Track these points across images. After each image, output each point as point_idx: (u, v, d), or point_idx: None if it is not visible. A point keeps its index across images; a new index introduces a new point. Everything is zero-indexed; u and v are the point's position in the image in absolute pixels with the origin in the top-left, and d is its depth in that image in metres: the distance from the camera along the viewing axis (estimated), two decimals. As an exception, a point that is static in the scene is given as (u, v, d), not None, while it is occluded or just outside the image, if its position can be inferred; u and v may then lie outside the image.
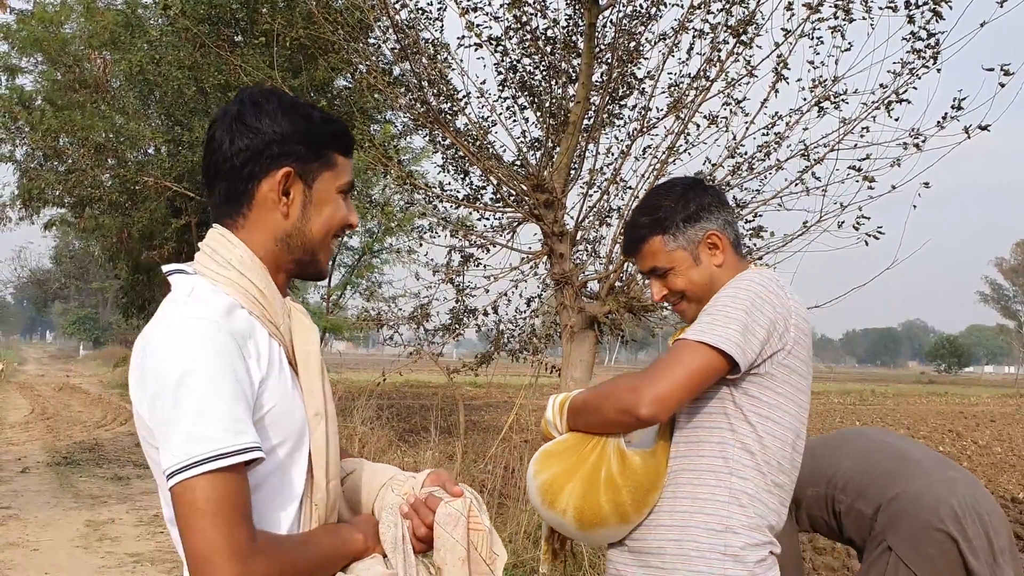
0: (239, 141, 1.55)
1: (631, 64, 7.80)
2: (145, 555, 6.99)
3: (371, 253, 12.97)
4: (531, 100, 8.09)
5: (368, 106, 12.15)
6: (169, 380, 1.38)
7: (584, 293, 7.82)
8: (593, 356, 7.88)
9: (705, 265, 2.18)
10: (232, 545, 1.33)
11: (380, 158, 7.88)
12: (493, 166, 7.74)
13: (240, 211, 1.57)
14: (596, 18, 7.24)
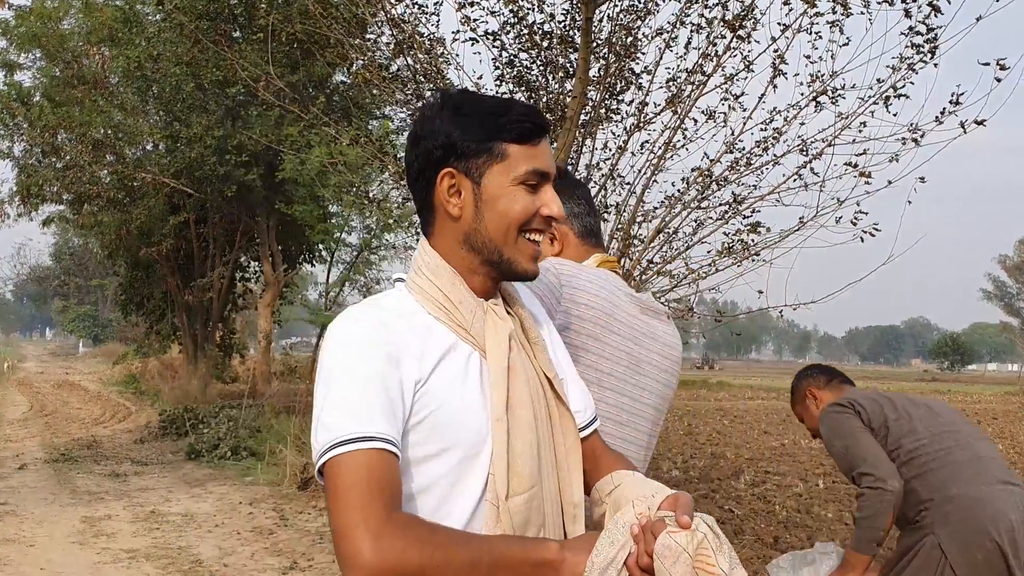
0: (411, 152, 1.57)
1: (628, 59, 7.77)
2: (141, 551, 6.97)
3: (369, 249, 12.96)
4: (528, 95, 8.05)
5: (365, 102, 12.13)
6: (320, 377, 1.45)
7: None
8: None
9: (544, 256, 2.15)
10: (365, 522, 1.31)
11: (377, 154, 7.85)
12: (490, 161, 7.69)
13: (428, 219, 1.58)
14: (593, 13, 7.20)
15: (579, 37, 7.47)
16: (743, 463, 13.45)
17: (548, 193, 1.57)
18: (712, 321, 8.32)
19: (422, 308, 1.53)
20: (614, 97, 8.08)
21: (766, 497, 10.43)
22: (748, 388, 42.09)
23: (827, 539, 8.20)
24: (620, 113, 8.16)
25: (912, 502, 3.29)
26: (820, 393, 3.75)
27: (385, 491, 1.35)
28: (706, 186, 7.60)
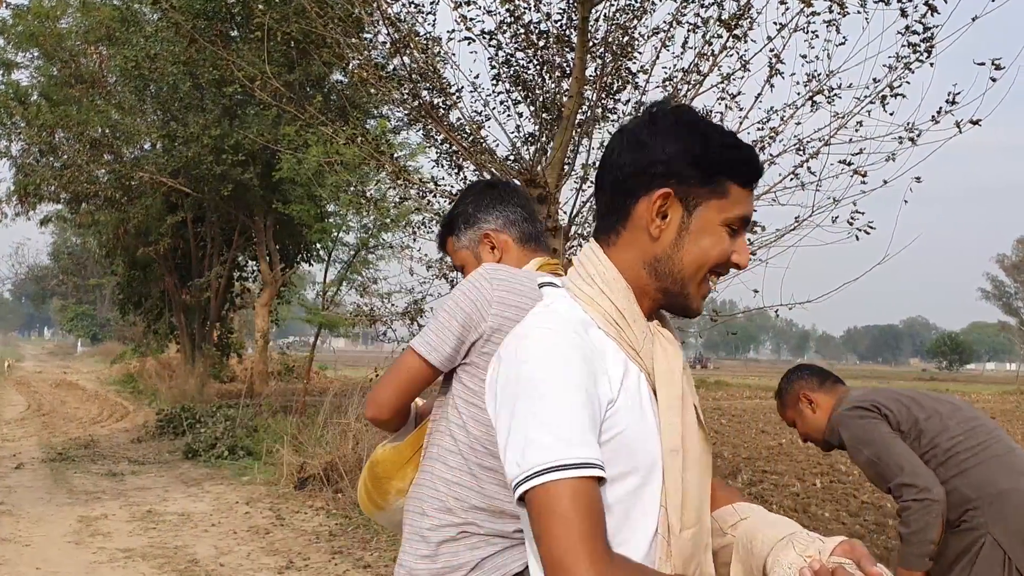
0: (626, 155, 1.48)
1: (624, 58, 7.77)
2: (137, 551, 6.96)
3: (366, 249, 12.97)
4: (525, 95, 8.06)
5: (363, 101, 12.12)
6: (518, 388, 1.36)
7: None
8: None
9: (484, 262, 2.32)
10: (590, 557, 1.26)
11: (373, 153, 7.85)
12: (487, 161, 7.71)
13: (615, 227, 1.50)
14: (589, 12, 7.21)
15: (575, 36, 7.47)
16: (740, 462, 13.46)
17: (743, 241, 1.53)
18: (709, 321, 8.32)
19: (591, 320, 1.46)
20: (611, 96, 8.10)
21: (763, 496, 10.43)
22: (746, 387, 42.08)
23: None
24: (617, 113, 8.18)
25: (956, 503, 3.12)
26: (815, 396, 3.51)
27: (602, 523, 1.30)
28: (703, 185, 7.60)
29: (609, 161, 1.51)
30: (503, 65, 7.97)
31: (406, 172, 8.59)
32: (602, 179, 1.53)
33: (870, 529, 8.68)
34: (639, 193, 1.46)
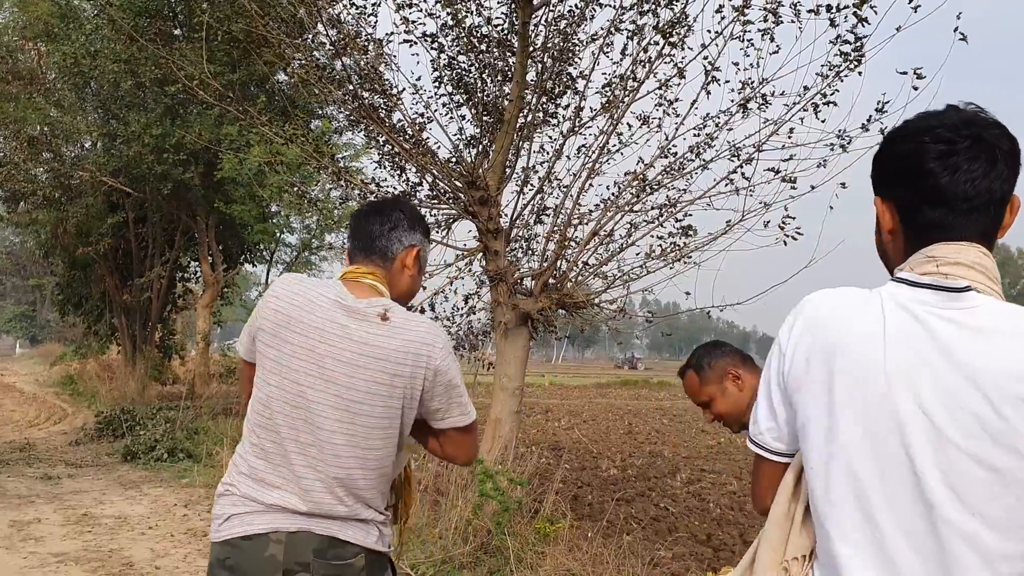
0: (1010, 171, 1.58)
1: (565, 63, 7.88)
2: (70, 554, 6.88)
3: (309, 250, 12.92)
4: (467, 97, 8.13)
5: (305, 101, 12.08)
6: None
7: (518, 290, 7.89)
8: (526, 352, 7.95)
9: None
10: None
11: (313, 153, 7.86)
12: (428, 162, 7.76)
13: (994, 235, 1.61)
14: (529, 17, 7.30)
15: (516, 41, 7.56)
16: (680, 461, 13.67)
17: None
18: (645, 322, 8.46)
19: None
20: (551, 101, 8.20)
21: (701, 495, 10.62)
22: (690, 388, 42.51)
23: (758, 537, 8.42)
24: (557, 117, 8.29)
25: None
26: (742, 373, 3.41)
27: None
28: (640, 190, 7.74)
29: (998, 174, 1.58)
30: (445, 68, 8.03)
31: (348, 173, 8.60)
32: (993, 192, 1.58)
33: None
34: (1008, 204, 1.60)
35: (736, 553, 7.53)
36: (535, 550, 6.44)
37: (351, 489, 2.36)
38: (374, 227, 2.55)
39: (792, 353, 1.62)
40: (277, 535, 2.32)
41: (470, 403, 2.50)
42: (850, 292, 1.63)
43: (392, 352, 2.33)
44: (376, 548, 2.40)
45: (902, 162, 1.63)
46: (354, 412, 2.33)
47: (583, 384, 42.19)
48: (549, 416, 21.59)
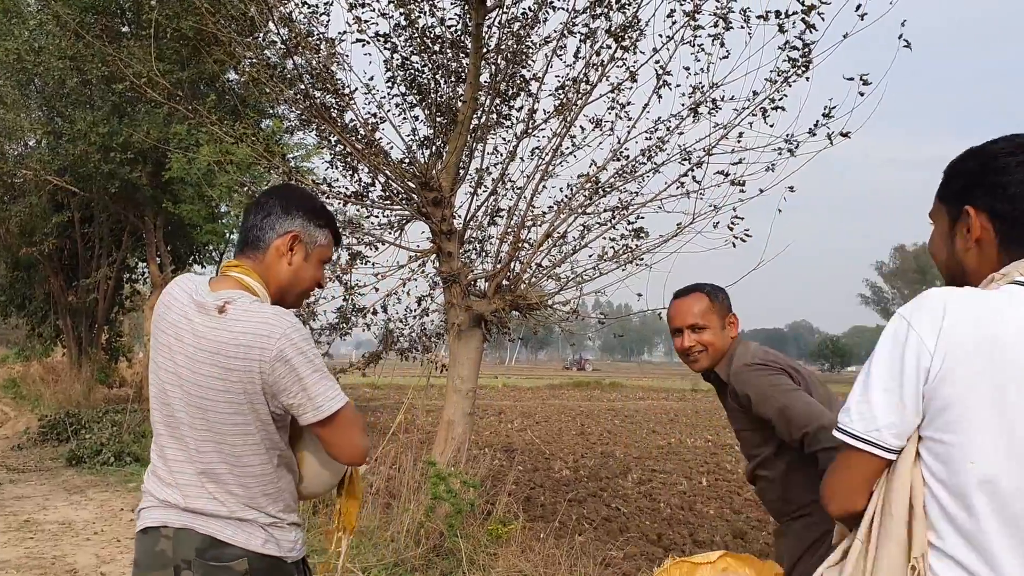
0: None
1: (518, 66, 7.90)
2: (11, 562, 6.73)
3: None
4: (420, 98, 8.10)
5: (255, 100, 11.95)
6: None
7: (472, 292, 7.89)
8: (480, 354, 7.95)
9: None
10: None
11: (263, 153, 7.78)
12: (381, 163, 7.72)
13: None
14: (483, 19, 7.31)
15: (470, 42, 7.56)
16: (631, 462, 13.77)
17: None
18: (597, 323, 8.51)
19: None
20: (505, 103, 8.20)
21: (652, 495, 10.71)
22: (640, 389, 42.95)
23: (708, 535, 8.50)
24: (511, 119, 8.29)
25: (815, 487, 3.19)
26: (735, 321, 3.47)
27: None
28: (593, 192, 7.79)
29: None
30: (398, 68, 8.00)
31: (299, 173, 8.53)
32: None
33: (753, 525, 9.01)
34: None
35: (686, 552, 7.61)
36: (487, 552, 6.44)
37: (222, 485, 2.29)
38: (250, 218, 2.45)
39: (944, 345, 1.63)
40: (166, 530, 2.31)
41: (330, 393, 2.26)
42: (973, 290, 1.71)
43: (223, 345, 2.23)
44: (264, 552, 2.30)
45: (1012, 175, 1.75)
46: (203, 408, 2.28)
47: (536, 385, 42.30)
48: (502, 417, 21.62)
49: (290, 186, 2.63)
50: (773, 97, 6.94)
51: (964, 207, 1.79)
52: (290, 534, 2.38)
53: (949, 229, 1.85)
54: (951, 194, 1.84)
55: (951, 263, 1.85)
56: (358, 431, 2.32)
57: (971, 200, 1.78)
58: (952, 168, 1.87)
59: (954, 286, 1.79)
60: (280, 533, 2.35)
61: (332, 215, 2.56)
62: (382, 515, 7.19)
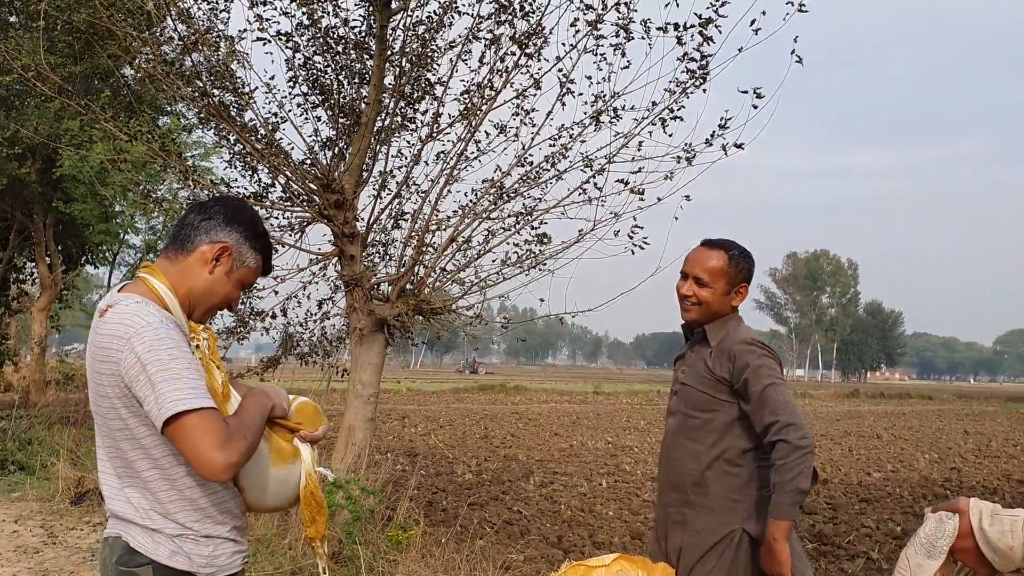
0: None
1: (423, 69, 7.88)
2: None
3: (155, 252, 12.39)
4: (323, 98, 8.00)
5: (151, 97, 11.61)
6: None
7: (374, 296, 7.83)
8: (382, 359, 7.89)
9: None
10: None
11: (159, 152, 7.57)
12: (281, 163, 7.60)
13: None
14: (387, 21, 7.26)
15: (374, 44, 7.51)
16: (533, 464, 13.86)
17: None
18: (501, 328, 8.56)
19: None
20: (410, 106, 8.17)
21: (553, 497, 10.80)
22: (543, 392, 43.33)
23: (607, 536, 8.62)
24: (415, 122, 8.27)
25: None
26: (743, 297, 3.42)
27: None
28: (498, 197, 7.82)
29: None
30: (300, 68, 7.89)
31: (196, 172, 8.33)
32: None
33: (650, 526, 9.16)
34: None
35: (585, 554, 7.70)
36: (387, 558, 6.40)
37: (133, 491, 2.24)
38: (188, 217, 2.39)
39: None
40: (106, 539, 2.32)
41: (175, 395, 2.08)
42: None
43: (96, 349, 2.20)
44: (169, 564, 2.21)
45: None
46: (100, 414, 2.26)
47: (441, 389, 42.20)
48: (406, 422, 21.49)
49: (243, 202, 2.56)
50: (672, 107, 7.10)
51: None
52: (205, 548, 2.26)
53: None
54: None
55: None
56: (210, 441, 2.08)
57: None
58: None
59: None
60: (191, 546, 2.24)
61: (271, 245, 2.50)
62: (279, 523, 7.06)
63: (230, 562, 2.31)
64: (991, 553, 1.72)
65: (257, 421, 2.27)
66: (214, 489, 2.28)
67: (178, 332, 2.20)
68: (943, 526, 1.79)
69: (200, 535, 2.25)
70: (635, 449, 16.93)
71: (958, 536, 1.77)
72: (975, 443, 20.63)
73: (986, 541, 1.72)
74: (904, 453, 17.67)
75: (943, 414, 34.96)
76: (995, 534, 1.71)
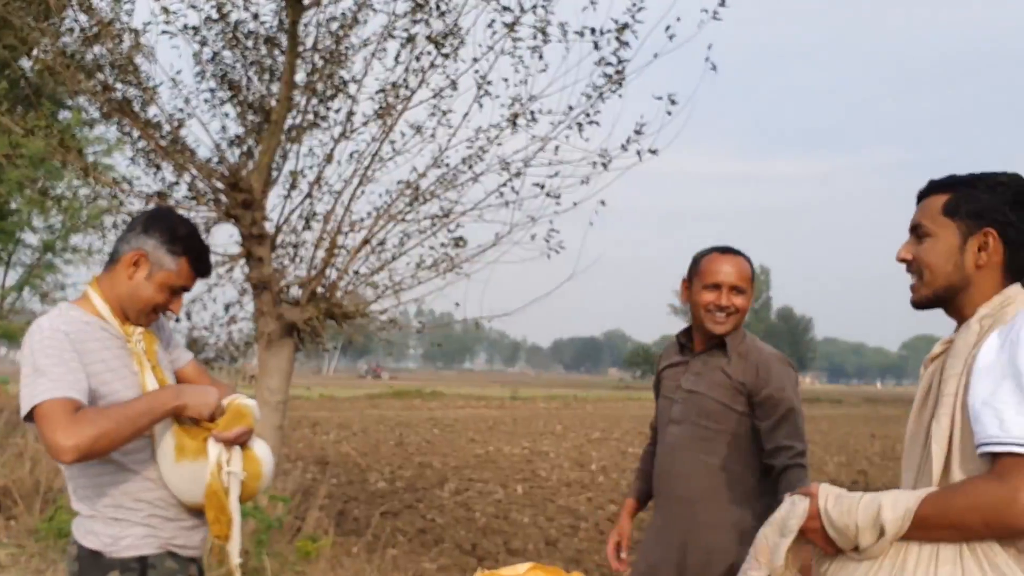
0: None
1: (336, 66, 7.69)
2: None
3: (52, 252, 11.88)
4: (231, 95, 7.74)
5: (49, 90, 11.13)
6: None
7: (284, 299, 7.60)
8: (292, 364, 7.67)
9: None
10: None
11: (58, 147, 7.22)
12: (187, 161, 7.33)
13: None
14: (299, 16, 7.06)
15: (285, 40, 7.29)
16: (449, 471, 13.73)
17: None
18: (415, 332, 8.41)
19: None
20: (323, 103, 7.97)
21: (468, 504, 10.69)
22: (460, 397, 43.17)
23: (522, 544, 8.55)
24: (328, 120, 8.06)
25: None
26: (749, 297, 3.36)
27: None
28: (413, 199, 7.68)
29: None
30: (208, 62, 7.62)
31: (97, 169, 7.97)
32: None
33: (565, 532, 9.15)
34: None
35: (500, 562, 7.61)
36: (295, 569, 6.21)
37: (69, 479, 2.53)
38: (121, 233, 2.64)
39: None
40: None
41: (33, 391, 2.29)
42: None
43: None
44: (82, 543, 2.49)
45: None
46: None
47: (355, 395, 41.63)
48: (317, 429, 21.12)
49: (166, 210, 2.90)
50: (588, 112, 7.08)
51: (984, 228, 1.99)
52: (111, 528, 2.47)
53: (960, 245, 2.02)
54: (969, 213, 2.01)
55: (955, 277, 2.02)
56: (56, 428, 2.25)
57: (991, 224, 1.99)
58: (974, 191, 2.03)
59: (941, 297, 2.05)
60: (100, 526, 2.47)
61: (199, 247, 2.64)
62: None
63: (140, 543, 2.49)
64: (834, 532, 1.88)
65: (131, 413, 2.37)
66: (126, 478, 2.49)
67: (92, 333, 2.47)
68: (795, 508, 1.95)
69: (108, 517, 2.48)
70: (551, 455, 16.93)
71: (808, 517, 1.92)
72: (881, 446, 21.30)
73: (830, 521, 1.88)
74: (814, 457, 18.07)
75: (851, 418, 36.08)
76: (837, 515, 1.87)
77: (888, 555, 1.83)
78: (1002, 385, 1.77)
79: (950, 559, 1.77)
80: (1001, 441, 1.71)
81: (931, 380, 2.02)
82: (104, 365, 2.46)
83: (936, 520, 1.77)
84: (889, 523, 1.79)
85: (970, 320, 1.97)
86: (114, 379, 2.47)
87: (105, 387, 2.44)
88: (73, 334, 2.41)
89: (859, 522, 1.83)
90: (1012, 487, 1.69)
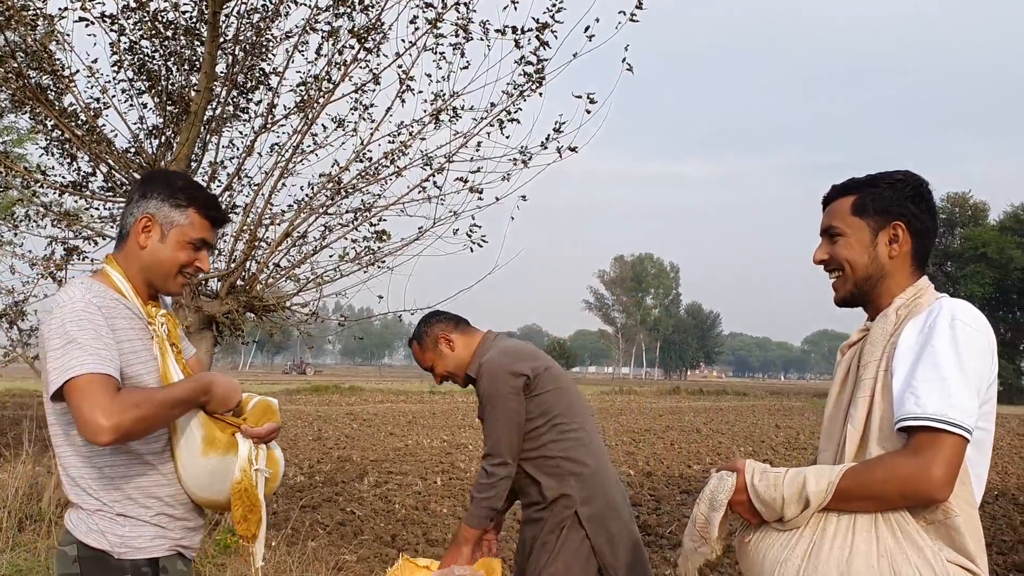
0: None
1: (257, 58, 7.66)
2: None
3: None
4: (150, 85, 7.64)
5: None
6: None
7: (202, 292, 7.54)
8: (210, 358, 7.61)
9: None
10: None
11: (-33, 135, 7.03)
12: (104, 151, 7.22)
13: None
14: (220, 7, 7.01)
15: (206, 31, 7.23)
16: (368, 465, 13.73)
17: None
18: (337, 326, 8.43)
19: None
20: (243, 95, 7.93)
21: (387, 497, 10.73)
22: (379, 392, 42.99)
23: (441, 534, 8.65)
24: (248, 112, 8.02)
25: (561, 474, 3.46)
26: (454, 336, 3.79)
27: None
28: (335, 192, 7.70)
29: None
30: (126, 52, 7.50)
31: (8, 159, 7.79)
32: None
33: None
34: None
35: (420, 552, 7.70)
36: (215, 563, 6.20)
37: (66, 468, 2.29)
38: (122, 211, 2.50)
39: (994, 353, 2.03)
40: None
41: (66, 364, 2.11)
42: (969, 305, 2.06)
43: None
44: (86, 542, 2.26)
45: (930, 202, 2.20)
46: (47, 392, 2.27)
47: (272, 390, 41.06)
48: (233, 423, 20.79)
49: (159, 171, 2.76)
50: (509, 109, 7.20)
51: (893, 222, 2.17)
52: (120, 527, 2.27)
53: (872, 240, 2.18)
54: (876, 210, 2.18)
55: (872, 268, 2.19)
56: (96, 406, 2.06)
57: (899, 217, 2.16)
58: (877, 189, 2.20)
59: (862, 290, 2.20)
60: (107, 524, 2.26)
61: (203, 195, 2.48)
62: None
63: (150, 545, 2.31)
64: (760, 505, 1.99)
65: (170, 398, 2.23)
66: (140, 472, 2.30)
67: (119, 311, 2.29)
68: (723, 483, 2.04)
69: (115, 513, 2.27)
70: (470, 447, 17.05)
71: (735, 491, 2.02)
72: (785, 436, 21.96)
73: (756, 495, 1.99)
74: (722, 447, 18.59)
75: (757, 409, 37.06)
76: (764, 488, 1.98)
77: (808, 525, 1.96)
78: (918, 367, 1.95)
79: (865, 527, 1.91)
80: (916, 416, 1.88)
81: (849, 365, 2.18)
82: (129, 345, 2.28)
83: (856, 492, 1.90)
84: (813, 495, 1.93)
85: (887, 310, 2.14)
86: (136, 362, 2.29)
87: (129, 368, 2.26)
88: (105, 309, 2.24)
89: (785, 495, 1.95)
90: (926, 460, 1.85)
